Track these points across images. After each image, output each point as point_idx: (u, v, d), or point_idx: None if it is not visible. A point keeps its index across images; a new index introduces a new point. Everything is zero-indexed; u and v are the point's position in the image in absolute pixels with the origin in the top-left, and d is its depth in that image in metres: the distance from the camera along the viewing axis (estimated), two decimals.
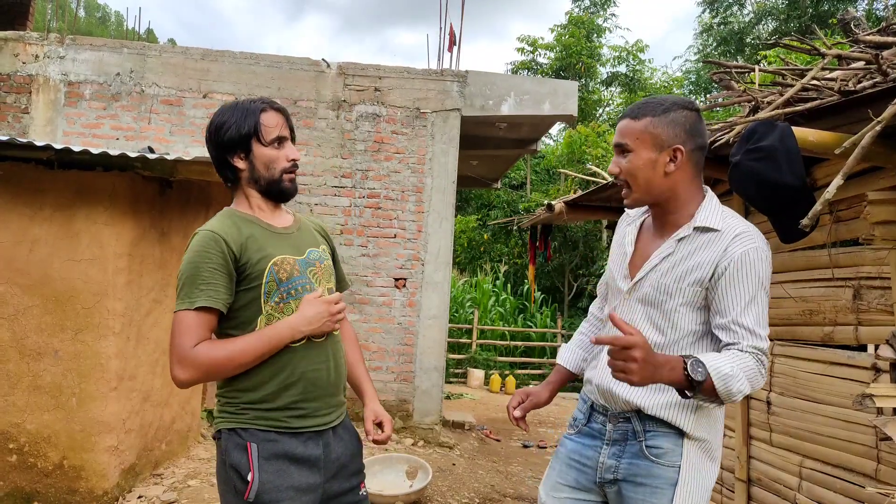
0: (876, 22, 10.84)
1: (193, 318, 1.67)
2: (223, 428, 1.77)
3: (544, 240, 8.41)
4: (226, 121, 1.82)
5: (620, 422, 1.75)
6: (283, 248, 1.82)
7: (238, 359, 1.69)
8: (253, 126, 1.80)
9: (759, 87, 3.20)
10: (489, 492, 5.33)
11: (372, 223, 6.82)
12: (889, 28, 2.77)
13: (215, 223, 1.79)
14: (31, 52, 6.59)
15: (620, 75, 20.64)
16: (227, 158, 1.83)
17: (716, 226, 1.69)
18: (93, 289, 4.01)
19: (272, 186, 1.85)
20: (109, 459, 4.01)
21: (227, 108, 1.86)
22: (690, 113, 1.73)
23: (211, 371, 1.69)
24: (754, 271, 1.63)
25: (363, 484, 1.93)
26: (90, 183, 4.03)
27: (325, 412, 1.82)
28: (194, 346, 1.65)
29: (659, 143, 1.70)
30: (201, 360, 1.65)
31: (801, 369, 3.08)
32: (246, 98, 1.89)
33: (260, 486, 1.67)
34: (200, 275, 1.69)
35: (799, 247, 3.06)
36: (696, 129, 1.73)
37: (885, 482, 2.49)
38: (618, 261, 1.89)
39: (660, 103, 1.73)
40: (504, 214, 16.40)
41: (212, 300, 1.68)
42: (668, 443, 1.68)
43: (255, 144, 1.81)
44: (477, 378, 11.82)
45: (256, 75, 6.77)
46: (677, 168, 1.71)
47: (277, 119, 1.84)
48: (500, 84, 6.97)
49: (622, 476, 1.72)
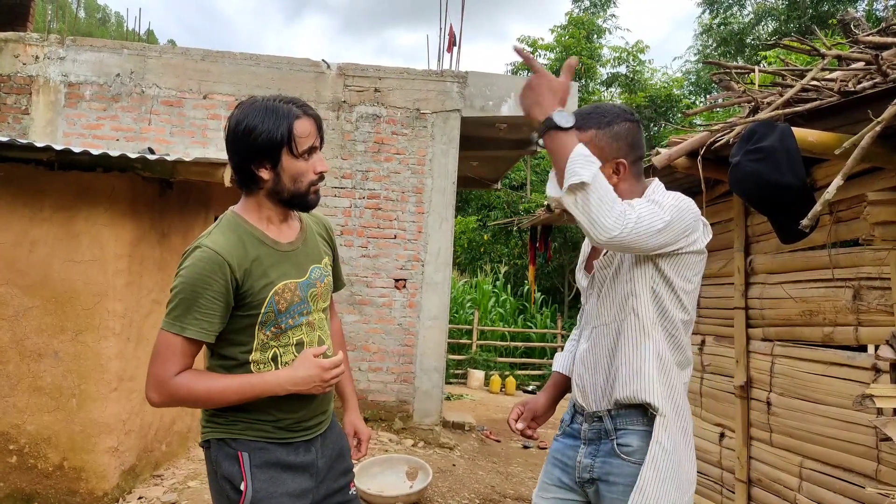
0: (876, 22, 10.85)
1: (180, 346, 1.61)
2: (212, 438, 1.72)
3: (544, 240, 8.42)
4: (256, 126, 1.64)
5: (594, 421, 1.78)
6: (287, 271, 1.73)
7: (216, 398, 1.64)
8: (286, 135, 1.64)
9: (758, 87, 3.20)
10: (489, 492, 5.33)
11: (372, 224, 6.83)
12: (889, 29, 2.77)
13: (221, 240, 1.66)
14: (32, 53, 6.59)
15: (620, 76, 20.63)
16: (250, 167, 1.68)
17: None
18: (93, 290, 4.01)
19: (296, 199, 1.73)
20: (109, 460, 4.01)
21: (256, 109, 1.67)
22: (632, 125, 1.78)
23: (186, 402, 1.66)
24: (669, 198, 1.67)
25: (352, 483, 1.92)
26: (90, 184, 4.03)
27: (315, 423, 1.81)
28: (175, 375, 1.61)
29: (603, 157, 1.72)
30: (180, 391, 1.62)
31: (801, 370, 3.08)
32: (277, 99, 1.70)
33: (254, 495, 1.64)
34: (198, 301, 1.60)
35: (799, 247, 3.06)
36: (636, 141, 1.79)
37: (886, 483, 2.49)
38: (580, 264, 1.99)
39: (603, 115, 1.77)
40: (504, 215, 16.38)
41: (203, 333, 1.62)
42: (638, 440, 1.70)
43: (284, 156, 1.66)
44: (477, 379, 11.82)
45: (257, 76, 6.77)
46: (620, 180, 1.76)
47: (311, 128, 1.69)
48: (500, 84, 6.97)
49: (597, 475, 1.74)
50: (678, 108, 17.70)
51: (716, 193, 3.72)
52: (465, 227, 17.28)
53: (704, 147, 2.94)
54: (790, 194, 2.35)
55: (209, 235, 1.68)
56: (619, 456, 1.70)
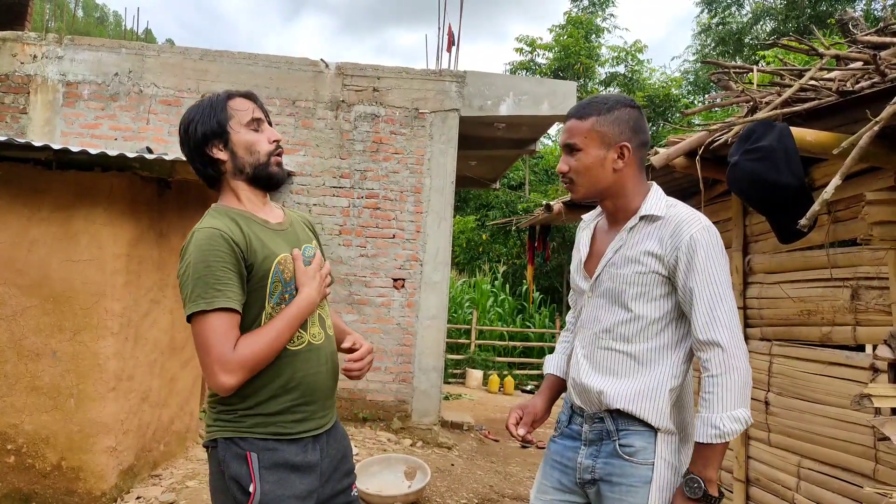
0: (874, 22, 10.85)
1: (223, 321, 1.59)
2: (220, 437, 1.70)
3: (543, 240, 8.41)
4: (193, 117, 1.77)
5: (595, 422, 1.77)
6: (283, 245, 1.77)
7: (276, 344, 1.65)
8: (223, 113, 1.75)
9: (757, 87, 3.20)
10: (487, 492, 5.33)
11: (370, 223, 6.82)
12: (887, 28, 2.77)
13: (215, 221, 1.69)
14: (30, 53, 6.58)
15: (619, 76, 20.62)
16: (204, 152, 1.76)
17: (660, 213, 1.74)
18: (91, 289, 4.00)
19: (260, 171, 1.77)
20: (107, 460, 4.01)
21: (192, 106, 1.82)
22: (633, 110, 1.79)
23: (257, 366, 1.63)
24: (705, 252, 1.65)
25: (354, 485, 1.93)
26: (88, 183, 4.02)
27: (322, 415, 1.81)
28: (234, 349, 1.59)
29: (606, 141, 1.75)
30: (246, 358, 1.60)
31: (799, 369, 3.08)
32: (212, 94, 1.84)
33: (262, 497, 1.63)
34: (214, 273, 1.60)
35: (797, 247, 3.06)
36: (640, 126, 1.79)
37: (883, 482, 2.49)
38: (576, 265, 1.96)
39: (603, 102, 1.79)
40: (503, 215, 16.38)
41: (231, 301, 1.61)
42: (641, 441, 1.70)
43: (231, 130, 1.74)
44: (475, 378, 11.82)
45: (255, 75, 6.77)
46: (625, 164, 1.77)
47: (247, 103, 1.78)
48: (499, 84, 6.97)
49: (599, 476, 1.73)
50: (676, 107, 17.71)
51: (714, 193, 3.73)
52: (464, 226, 17.28)
53: (703, 147, 2.94)
54: (788, 194, 2.35)
55: (201, 222, 1.72)
56: (621, 457, 1.70)
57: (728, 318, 1.62)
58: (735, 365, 1.60)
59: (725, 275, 1.66)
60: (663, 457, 1.68)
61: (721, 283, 1.64)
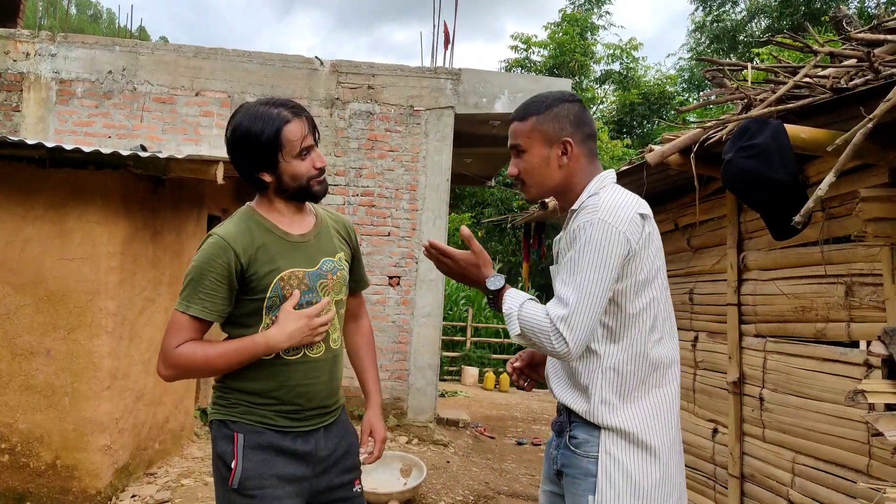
0: (868, 19, 10.88)
1: (185, 323, 1.74)
2: (214, 419, 1.82)
3: (538, 237, 8.42)
4: (247, 134, 1.74)
5: (560, 414, 1.82)
6: (295, 260, 1.81)
7: (213, 364, 1.75)
8: (276, 143, 1.74)
9: (751, 84, 3.20)
10: (483, 489, 5.34)
11: (366, 221, 6.82)
12: (881, 25, 2.77)
13: (231, 227, 1.79)
14: (22, 50, 6.55)
15: (614, 73, 20.67)
16: (252, 174, 1.81)
17: (578, 204, 1.73)
18: (85, 288, 3.99)
19: (300, 193, 1.83)
20: (102, 459, 4.00)
21: (247, 117, 1.76)
22: (573, 105, 1.78)
23: (188, 371, 1.79)
24: (584, 240, 1.60)
25: (357, 481, 1.93)
26: (82, 181, 4.01)
27: (316, 414, 1.84)
28: (177, 347, 1.72)
29: (549, 139, 1.75)
30: (180, 360, 1.73)
31: (793, 366, 3.09)
32: (267, 102, 1.79)
33: (243, 474, 1.72)
34: (203, 282, 1.73)
35: (791, 244, 3.06)
36: (581, 119, 1.78)
37: (877, 477, 2.50)
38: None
39: (542, 101, 1.79)
40: (498, 212, 16.40)
41: (206, 312, 1.73)
42: (584, 433, 1.71)
43: (281, 161, 1.76)
44: (471, 376, 11.83)
45: (249, 73, 6.74)
46: (570, 159, 1.76)
47: (301, 129, 1.77)
48: (494, 82, 6.97)
49: (560, 467, 1.77)
50: (671, 104, 17.75)
51: (709, 190, 3.73)
52: (459, 224, 17.30)
53: (697, 144, 2.94)
54: (782, 191, 2.36)
55: (222, 225, 1.82)
56: (569, 448, 1.73)
57: (575, 299, 1.57)
58: (557, 322, 1.57)
59: (593, 268, 1.59)
60: (610, 453, 1.66)
61: (583, 270, 1.59)
